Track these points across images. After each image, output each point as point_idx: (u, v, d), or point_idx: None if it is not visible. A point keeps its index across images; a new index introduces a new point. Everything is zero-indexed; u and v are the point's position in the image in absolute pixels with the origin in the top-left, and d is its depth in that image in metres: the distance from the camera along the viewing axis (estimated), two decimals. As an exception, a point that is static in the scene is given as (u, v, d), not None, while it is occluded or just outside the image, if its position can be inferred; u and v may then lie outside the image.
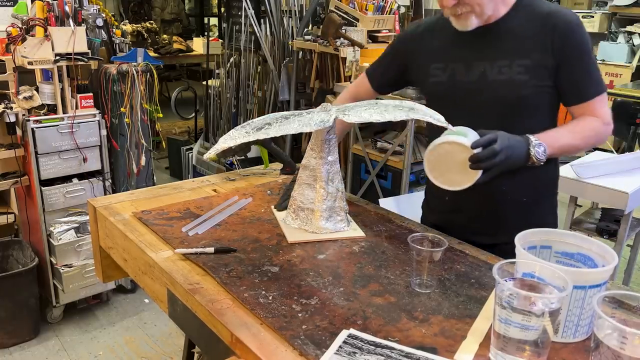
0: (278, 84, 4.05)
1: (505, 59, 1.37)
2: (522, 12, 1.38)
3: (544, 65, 1.34)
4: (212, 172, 4.16)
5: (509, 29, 1.38)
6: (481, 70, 1.40)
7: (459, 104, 1.43)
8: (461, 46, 1.44)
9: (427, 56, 1.51)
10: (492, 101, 1.39)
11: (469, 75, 1.42)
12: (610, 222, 2.47)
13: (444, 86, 1.47)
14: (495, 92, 1.38)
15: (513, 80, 1.36)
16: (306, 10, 3.98)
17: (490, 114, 1.39)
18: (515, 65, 1.36)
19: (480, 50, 1.41)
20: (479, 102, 1.41)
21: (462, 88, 1.43)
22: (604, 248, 0.98)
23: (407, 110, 1.25)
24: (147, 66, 2.79)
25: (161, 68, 3.11)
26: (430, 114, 1.24)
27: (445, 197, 1.50)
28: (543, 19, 1.35)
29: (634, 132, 4.02)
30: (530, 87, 1.35)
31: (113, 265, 1.54)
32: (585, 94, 1.37)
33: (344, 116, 1.25)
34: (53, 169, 2.58)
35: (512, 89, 1.36)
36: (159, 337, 2.71)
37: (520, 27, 1.37)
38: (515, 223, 1.39)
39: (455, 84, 1.44)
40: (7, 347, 2.57)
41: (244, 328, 0.98)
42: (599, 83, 1.38)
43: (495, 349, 0.89)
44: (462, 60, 1.43)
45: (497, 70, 1.38)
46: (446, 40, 1.47)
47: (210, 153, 1.29)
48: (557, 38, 1.33)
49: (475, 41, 1.41)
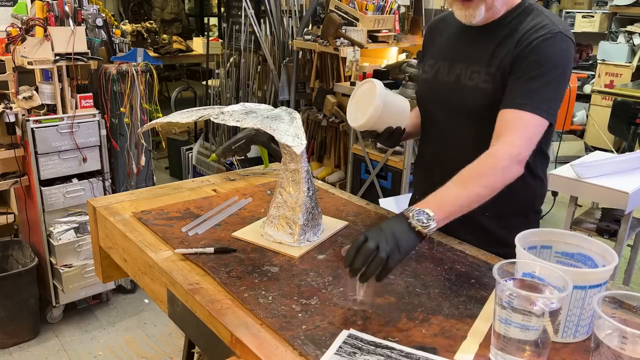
0: (278, 83, 4.05)
1: (477, 64, 1.32)
2: (516, 19, 1.30)
3: (502, 73, 1.26)
4: (212, 172, 4.16)
5: (493, 35, 1.31)
6: (458, 72, 1.36)
7: (438, 104, 1.41)
8: (452, 44, 1.41)
9: (429, 51, 1.50)
10: (459, 105, 1.35)
11: (449, 75, 1.38)
12: (610, 222, 2.46)
13: (429, 84, 1.44)
14: (463, 98, 1.34)
15: (477, 87, 1.30)
16: (306, 10, 3.98)
17: (459, 116, 1.36)
18: (483, 73, 1.30)
19: (463, 51, 1.37)
20: (451, 104, 1.37)
21: (442, 88, 1.39)
22: (604, 248, 0.98)
23: (267, 120, 1.31)
24: (146, 66, 2.79)
25: (161, 68, 3.10)
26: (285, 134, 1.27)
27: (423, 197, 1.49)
28: (524, 32, 1.25)
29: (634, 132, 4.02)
30: (490, 96, 1.28)
31: (113, 265, 1.54)
32: (512, 101, 1.21)
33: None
34: (53, 169, 2.58)
35: (474, 96, 1.31)
36: (159, 337, 2.71)
37: (503, 35, 1.29)
38: (490, 227, 1.38)
39: (437, 82, 1.41)
40: (7, 347, 2.57)
41: (244, 328, 0.98)
42: (539, 102, 1.18)
43: (495, 349, 0.88)
44: (448, 59, 1.40)
45: (469, 76, 1.33)
46: (446, 37, 1.45)
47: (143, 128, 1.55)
48: (519, 53, 1.23)
49: (464, 41, 1.38)
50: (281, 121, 1.31)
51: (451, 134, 1.40)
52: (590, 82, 5.86)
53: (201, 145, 4.67)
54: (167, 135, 5.21)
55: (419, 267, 1.21)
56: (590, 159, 2.49)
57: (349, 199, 1.64)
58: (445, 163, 1.41)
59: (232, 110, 1.34)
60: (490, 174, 1.14)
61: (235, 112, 1.33)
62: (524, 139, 1.18)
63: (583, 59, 6.21)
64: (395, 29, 3.65)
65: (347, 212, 1.52)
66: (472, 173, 1.14)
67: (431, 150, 1.49)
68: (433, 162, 1.48)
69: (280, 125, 1.28)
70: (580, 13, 6.03)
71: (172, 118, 1.40)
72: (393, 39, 3.64)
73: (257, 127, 1.27)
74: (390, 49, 3.81)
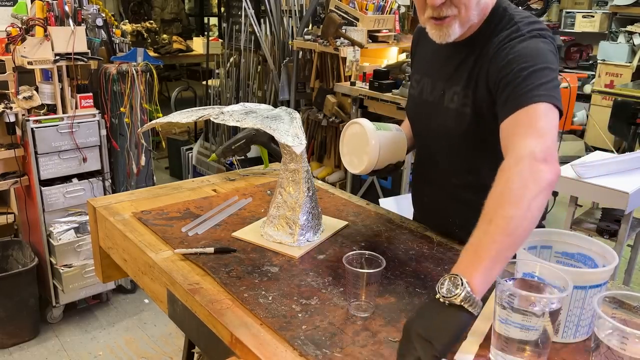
0: (278, 83, 4.05)
1: (458, 85, 1.24)
2: (489, 32, 1.20)
3: (481, 97, 1.18)
4: (212, 172, 4.16)
5: (470, 53, 1.23)
6: (440, 92, 1.29)
7: (423, 122, 1.38)
8: (434, 60, 1.34)
9: (415, 63, 1.46)
10: (444, 130, 1.28)
11: (432, 94, 1.33)
12: (610, 222, 2.47)
13: (414, 101, 1.40)
14: (444, 121, 1.27)
15: (459, 112, 1.23)
16: (306, 10, 3.98)
17: (440, 142, 1.32)
18: (461, 96, 1.23)
19: (445, 69, 1.29)
20: (434, 125, 1.32)
21: (425, 106, 1.34)
22: (605, 248, 0.98)
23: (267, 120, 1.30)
24: (146, 66, 2.79)
25: (161, 68, 3.11)
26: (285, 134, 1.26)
27: (417, 209, 1.50)
28: (499, 46, 1.16)
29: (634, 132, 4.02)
30: (472, 121, 1.21)
31: (113, 265, 1.54)
32: (518, 102, 1.05)
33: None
34: (53, 169, 2.58)
35: (458, 121, 1.24)
36: (159, 337, 2.71)
37: (478, 53, 1.21)
38: None
39: (422, 100, 1.36)
40: (6, 347, 2.57)
41: (244, 328, 0.98)
42: (544, 91, 1.04)
43: (495, 349, 0.88)
44: (431, 77, 1.34)
45: (450, 97, 1.26)
46: (430, 50, 1.36)
47: (143, 128, 1.54)
48: (494, 65, 1.14)
49: (444, 57, 1.29)
50: (281, 121, 1.31)
51: (438, 154, 1.36)
52: (590, 82, 5.86)
53: (201, 145, 4.67)
54: (167, 135, 5.21)
55: (419, 267, 1.21)
56: (591, 159, 2.49)
57: (349, 199, 1.64)
58: (433, 183, 1.41)
59: (232, 110, 1.34)
60: (516, 190, 0.90)
61: (235, 112, 1.33)
62: (538, 132, 0.99)
63: (583, 59, 6.20)
64: (395, 29, 3.65)
65: (347, 212, 1.52)
66: (493, 201, 0.92)
67: (419, 170, 1.47)
68: (422, 181, 1.47)
69: (280, 125, 1.28)
70: (581, 13, 6.03)
71: (172, 118, 1.40)
72: (393, 39, 3.64)
73: (257, 127, 1.27)
74: (390, 49, 3.81)
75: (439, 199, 1.40)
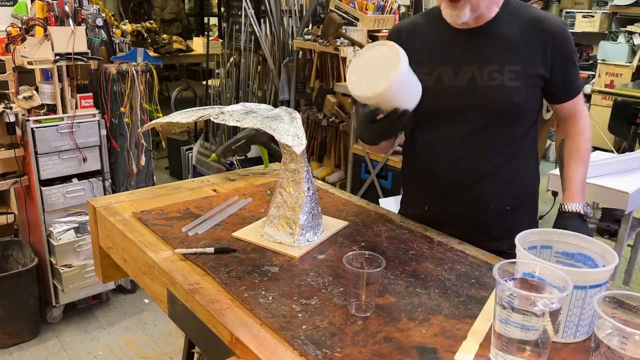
0: (278, 83, 4.05)
1: (495, 63, 1.35)
2: (511, 15, 1.36)
3: (536, 72, 1.34)
4: (212, 172, 4.16)
5: (498, 33, 1.36)
6: (470, 74, 1.36)
7: (445, 109, 1.40)
8: (448, 48, 1.41)
9: (412, 59, 1.47)
10: (483, 107, 1.36)
11: (457, 79, 1.38)
12: (610, 222, 2.46)
13: (431, 91, 1.38)
14: (485, 98, 1.36)
15: (505, 86, 1.34)
16: (306, 10, 3.98)
17: (479, 119, 1.37)
18: (506, 71, 1.34)
19: (468, 53, 1.38)
20: (467, 107, 1.38)
21: (450, 93, 1.39)
22: (605, 248, 0.98)
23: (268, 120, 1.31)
24: (146, 66, 2.79)
25: (161, 68, 3.11)
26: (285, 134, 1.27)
27: (424, 207, 1.50)
28: (533, 25, 1.34)
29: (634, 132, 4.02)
30: (522, 93, 1.34)
31: (113, 265, 1.54)
32: (575, 89, 1.43)
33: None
34: (53, 169, 2.58)
35: (504, 95, 1.34)
36: (159, 337, 2.71)
37: (510, 31, 1.35)
38: (497, 231, 1.42)
39: (443, 89, 1.39)
40: (6, 347, 2.57)
41: (244, 328, 0.98)
42: (580, 77, 1.44)
43: (495, 349, 0.88)
44: (450, 64, 1.39)
45: (488, 76, 1.35)
46: (430, 42, 1.43)
47: (143, 128, 1.57)
48: (550, 45, 1.33)
49: (463, 44, 1.38)
50: (281, 121, 1.31)
51: (468, 139, 1.39)
52: (590, 82, 5.85)
53: (201, 145, 4.67)
54: (167, 135, 5.21)
55: (419, 267, 1.21)
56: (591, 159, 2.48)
57: (349, 199, 1.64)
58: (463, 171, 1.41)
59: (232, 110, 1.34)
60: (589, 147, 1.48)
61: (235, 112, 1.33)
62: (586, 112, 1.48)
63: (583, 59, 6.20)
64: (395, 28, 3.64)
65: (347, 212, 1.52)
66: (582, 151, 1.46)
67: (440, 161, 1.44)
68: (448, 172, 1.43)
69: (280, 125, 1.28)
70: (581, 13, 6.03)
71: (172, 118, 1.40)
72: (393, 39, 3.63)
73: (257, 127, 1.27)
74: (390, 49, 3.80)
75: (465, 177, 1.41)
